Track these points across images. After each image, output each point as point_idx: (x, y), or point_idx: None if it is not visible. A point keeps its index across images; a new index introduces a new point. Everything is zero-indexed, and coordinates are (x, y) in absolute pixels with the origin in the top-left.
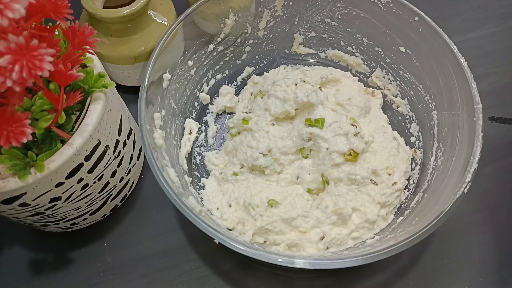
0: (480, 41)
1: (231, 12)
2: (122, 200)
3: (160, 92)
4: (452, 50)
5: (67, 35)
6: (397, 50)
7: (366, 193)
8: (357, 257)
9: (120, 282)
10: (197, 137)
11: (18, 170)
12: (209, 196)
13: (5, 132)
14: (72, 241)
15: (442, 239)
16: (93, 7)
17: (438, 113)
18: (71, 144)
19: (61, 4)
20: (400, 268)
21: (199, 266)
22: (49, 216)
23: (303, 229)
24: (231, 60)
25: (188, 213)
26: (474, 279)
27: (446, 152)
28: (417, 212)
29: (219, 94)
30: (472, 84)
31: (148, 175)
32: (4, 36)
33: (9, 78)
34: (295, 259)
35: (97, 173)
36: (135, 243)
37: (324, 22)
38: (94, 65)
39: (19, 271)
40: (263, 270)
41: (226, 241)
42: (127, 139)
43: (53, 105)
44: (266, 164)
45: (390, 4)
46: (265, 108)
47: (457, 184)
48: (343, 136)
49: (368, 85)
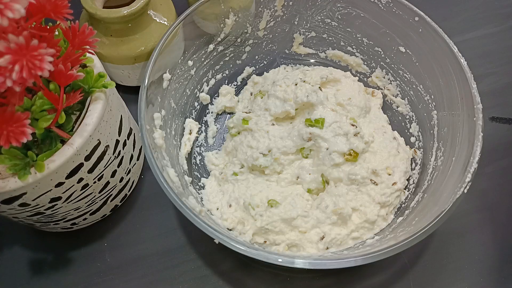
0: (480, 41)
1: (231, 12)
2: (122, 200)
3: (160, 92)
4: (452, 50)
5: (67, 35)
6: (397, 50)
7: (366, 193)
8: (357, 257)
9: (120, 282)
10: (197, 137)
11: (18, 170)
12: (209, 196)
13: (5, 132)
14: (72, 241)
15: (442, 239)
16: (93, 7)
17: (438, 113)
18: (71, 144)
19: (61, 4)
20: (400, 268)
21: (199, 266)
22: (49, 216)
23: (303, 229)
24: (231, 60)
25: (188, 213)
26: (474, 279)
27: (446, 152)
28: (417, 212)
29: (219, 94)
30: (472, 84)
31: (148, 175)
32: (4, 36)
33: (9, 78)
34: (295, 259)
35: (97, 173)
36: (135, 243)
37: (324, 22)
38: (94, 65)
39: (19, 271)
40: (263, 270)
41: (226, 241)
42: (127, 139)
43: (53, 105)
44: (266, 164)
45: (390, 4)
46: (265, 108)
47: (457, 184)
48: (343, 136)
49: (368, 85)
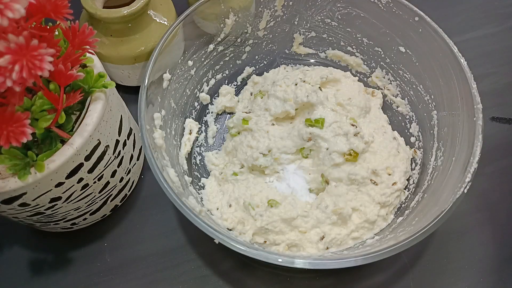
0: (480, 41)
1: (231, 12)
2: (122, 200)
3: (160, 92)
4: (452, 50)
5: (67, 35)
6: (397, 50)
7: (366, 193)
8: (357, 257)
9: (120, 282)
10: (197, 137)
11: (18, 170)
12: (209, 196)
13: (5, 132)
14: (72, 241)
15: (442, 239)
16: (93, 7)
17: (438, 113)
18: (71, 144)
19: (61, 4)
20: (400, 268)
21: (199, 266)
22: (49, 216)
23: (303, 229)
24: (231, 60)
25: (188, 213)
26: (474, 279)
27: (446, 152)
28: (417, 212)
29: (219, 94)
30: (472, 84)
31: (148, 175)
32: (4, 36)
33: (9, 78)
34: (295, 259)
35: (97, 173)
36: (135, 243)
37: (324, 22)
38: (94, 65)
39: (19, 271)
40: (263, 270)
41: (226, 241)
42: (127, 139)
43: (53, 105)
44: (266, 164)
45: (390, 4)
46: (265, 108)
47: (457, 184)
48: (343, 136)
49: (368, 85)
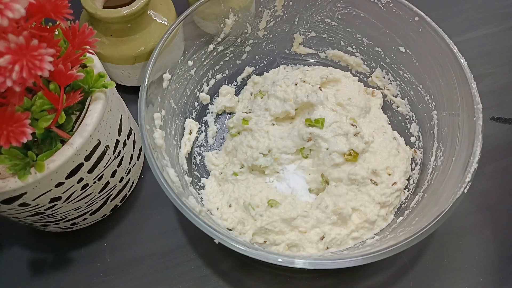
0: (480, 41)
1: (231, 12)
2: (122, 200)
3: (160, 92)
4: (452, 50)
5: (67, 35)
6: (397, 50)
7: (366, 193)
8: (357, 257)
9: (120, 282)
10: (197, 137)
11: (18, 170)
12: (209, 196)
13: (5, 132)
14: (72, 241)
15: (442, 239)
16: (93, 7)
17: (438, 113)
18: (71, 144)
19: (61, 4)
20: (400, 268)
21: (199, 266)
22: (49, 216)
23: (303, 229)
24: (231, 60)
25: (188, 213)
26: (474, 279)
27: (446, 152)
28: (417, 212)
29: (219, 94)
30: (472, 84)
31: (148, 175)
32: (4, 36)
33: (9, 78)
34: (295, 259)
35: (97, 173)
36: (135, 243)
37: (324, 22)
38: (94, 65)
39: (19, 271)
40: (263, 270)
41: (226, 241)
42: (127, 139)
43: (53, 105)
44: (266, 164)
45: (390, 4)
46: (265, 108)
47: (457, 184)
48: (343, 136)
49: (368, 85)
